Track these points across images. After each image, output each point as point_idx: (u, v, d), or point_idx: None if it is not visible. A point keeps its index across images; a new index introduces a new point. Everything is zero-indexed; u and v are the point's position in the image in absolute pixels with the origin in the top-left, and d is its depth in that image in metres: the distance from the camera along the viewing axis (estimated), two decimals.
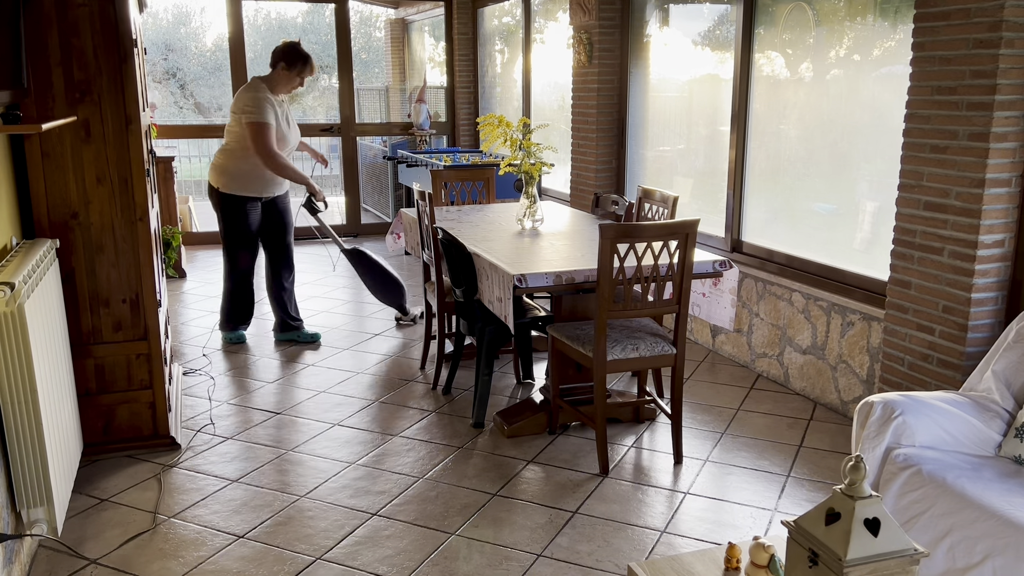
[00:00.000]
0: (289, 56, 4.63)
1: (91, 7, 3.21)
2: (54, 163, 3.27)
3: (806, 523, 1.69)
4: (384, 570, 2.74)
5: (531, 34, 7.40)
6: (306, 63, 4.66)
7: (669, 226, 3.26)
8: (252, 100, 4.53)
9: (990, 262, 3.11)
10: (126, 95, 3.31)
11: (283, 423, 3.91)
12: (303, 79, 4.69)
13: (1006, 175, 3.04)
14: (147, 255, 3.46)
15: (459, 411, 4.04)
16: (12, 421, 2.53)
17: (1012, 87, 2.95)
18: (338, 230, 8.71)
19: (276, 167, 4.61)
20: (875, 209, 3.97)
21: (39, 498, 2.64)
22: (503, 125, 4.13)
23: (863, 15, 4.00)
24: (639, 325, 3.59)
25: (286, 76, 4.63)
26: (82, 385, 3.44)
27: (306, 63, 4.66)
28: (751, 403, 4.16)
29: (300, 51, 4.66)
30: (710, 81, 5.18)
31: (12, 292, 2.42)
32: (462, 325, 4.05)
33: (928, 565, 2.31)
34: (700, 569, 2.01)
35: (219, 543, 2.90)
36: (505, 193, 6.41)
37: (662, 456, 3.59)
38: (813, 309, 4.16)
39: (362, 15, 16.30)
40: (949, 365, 3.22)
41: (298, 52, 4.65)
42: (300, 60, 4.63)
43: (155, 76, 16.02)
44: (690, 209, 5.24)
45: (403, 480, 3.35)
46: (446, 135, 9.08)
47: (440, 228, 3.92)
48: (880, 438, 2.60)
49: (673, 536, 2.95)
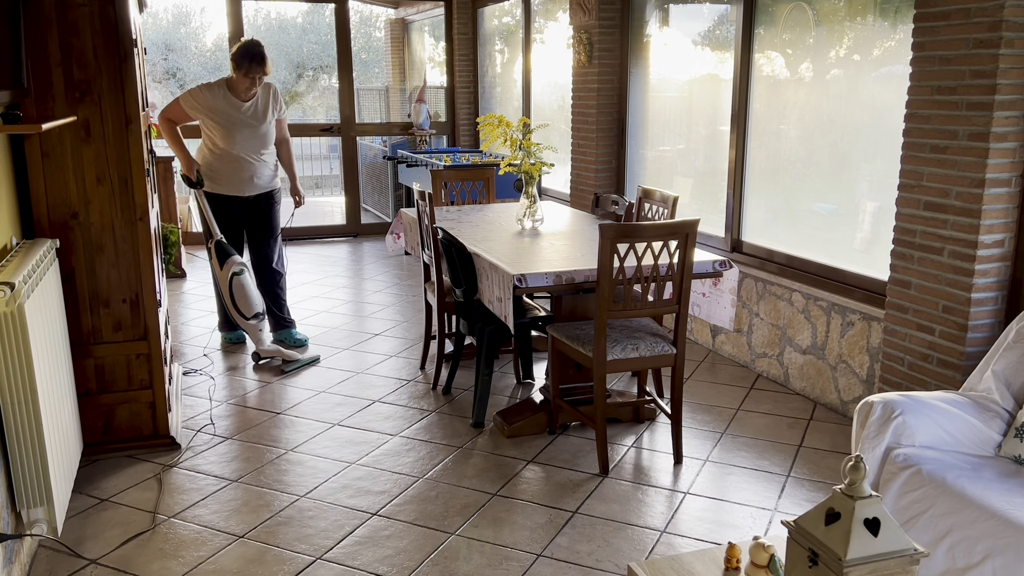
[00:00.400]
0: (236, 57, 4.55)
1: (91, 7, 3.21)
2: (54, 163, 3.27)
3: (806, 523, 1.69)
4: (384, 570, 2.74)
5: (531, 34, 7.40)
6: (252, 61, 4.51)
7: (669, 226, 3.26)
8: (194, 90, 4.65)
9: (990, 262, 3.11)
10: (126, 95, 3.31)
11: (283, 423, 3.91)
12: (254, 79, 4.57)
13: (1006, 175, 3.04)
14: (147, 255, 3.46)
15: (459, 411, 4.05)
16: (12, 421, 2.53)
17: (1012, 87, 2.95)
18: (338, 230, 8.69)
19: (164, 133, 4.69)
20: (875, 209, 3.97)
21: (39, 498, 2.63)
22: (503, 125, 4.13)
23: (863, 15, 4.00)
24: (639, 325, 3.59)
25: (237, 77, 4.58)
26: (82, 385, 3.44)
27: (252, 61, 4.51)
28: (751, 403, 4.16)
29: (250, 50, 4.53)
30: (710, 81, 5.18)
31: (12, 292, 2.42)
32: (462, 325, 4.05)
33: (928, 565, 2.31)
34: (700, 569, 2.01)
35: (219, 543, 2.90)
36: (505, 193, 6.41)
37: (662, 456, 3.59)
38: (813, 309, 4.16)
39: (362, 15, 16.30)
40: (949, 365, 3.22)
41: (245, 51, 4.53)
42: (246, 59, 4.51)
43: (155, 76, 16.02)
44: (690, 209, 5.24)
45: (403, 480, 3.35)
46: (446, 135, 9.08)
47: (440, 228, 3.92)
48: (880, 438, 2.60)
49: (673, 536, 2.95)
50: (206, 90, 4.64)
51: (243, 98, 4.66)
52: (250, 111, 4.71)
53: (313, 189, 13.61)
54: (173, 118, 4.68)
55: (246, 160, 4.74)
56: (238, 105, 4.66)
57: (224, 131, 4.66)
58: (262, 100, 4.76)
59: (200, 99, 4.63)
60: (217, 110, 4.62)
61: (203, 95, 4.63)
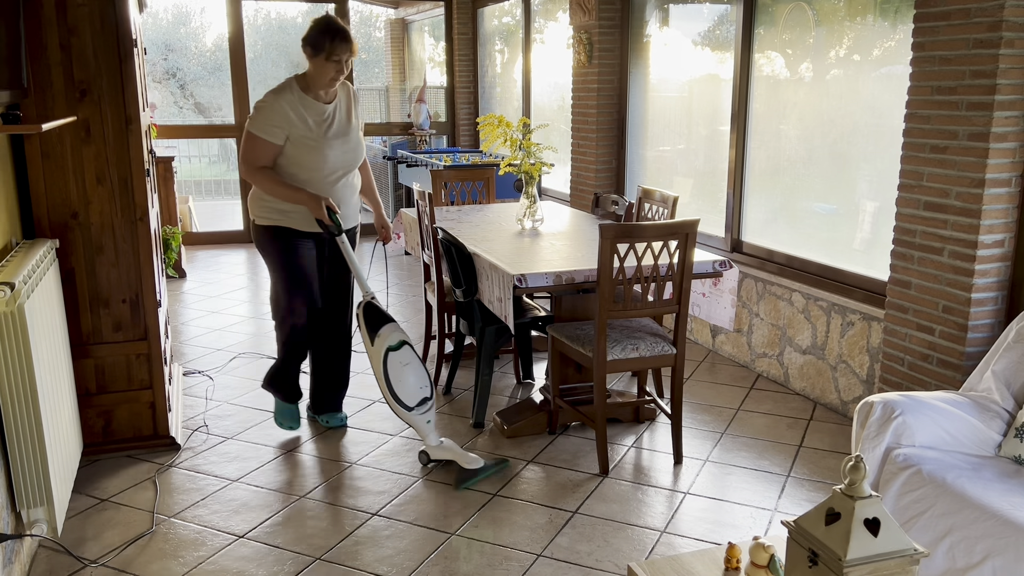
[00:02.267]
0: (313, 37, 3.36)
1: (91, 7, 3.21)
2: (54, 163, 3.27)
3: (806, 523, 1.69)
4: (384, 570, 2.74)
5: (531, 34, 7.40)
6: (335, 38, 3.33)
7: (669, 226, 3.26)
8: (260, 105, 3.43)
9: (990, 262, 3.11)
10: (126, 95, 3.31)
11: None
12: (341, 62, 3.38)
13: (1006, 175, 3.04)
14: (147, 255, 3.46)
15: (459, 411, 4.04)
16: (12, 421, 2.53)
17: (1012, 87, 2.95)
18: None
19: (257, 184, 3.46)
20: (875, 209, 3.97)
21: (39, 498, 2.63)
22: (503, 125, 4.13)
23: (863, 15, 4.00)
24: (639, 325, 3.59)
25: (316, 65, 3.39)
26: (82, 385, 3.44)
27: (335, 38, 3.33)
28: (751, 403, 4.16)
29: (330, 25, 3.37)
30: (710, 81, 5.18)
31: (12, 292, 2.42)
32: (462, 325, 4.05)
33: (928, 565, 2.31)
34: (700, 569, 2.00)
35: (219, 543, 2.90)
36: (505, 193, 6.41)
37: (662, 456, 3.59)
38: (813, 309, 4.16)
39: (362, 15, 16.29)
40: (949, 365, 3.22)
41: (325, 27, 3.36)
42: (328, 37, 3.33)
43: (155, 76, 16.02)
44: (690, 209, 5.24)
45: (403, 480, 3.35)
46: (446, 135, 9.08)
47: (440, 228, 3.92)
48: (880, 438, 2.60)
49: (673, 536, 2.95)
50: (277, 100, 3.41)
51: (326, 98, 3.50)
52: (333, 117, 3.53)
53: None
54: (262, 162, 3.41)
55: (334, 185, 3.56)
56: (321, 111, 3.48)
57: (308, 150, 3.44)
58: (343, 102, 3.60)
59: (276, 115, 3.39)
60: (297, 123, 3.42)
61: (277, 108, 3.39)
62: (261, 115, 3.40)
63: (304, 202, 3.41)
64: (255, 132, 3.40)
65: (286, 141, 3.41)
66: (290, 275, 3.58)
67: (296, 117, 3.42)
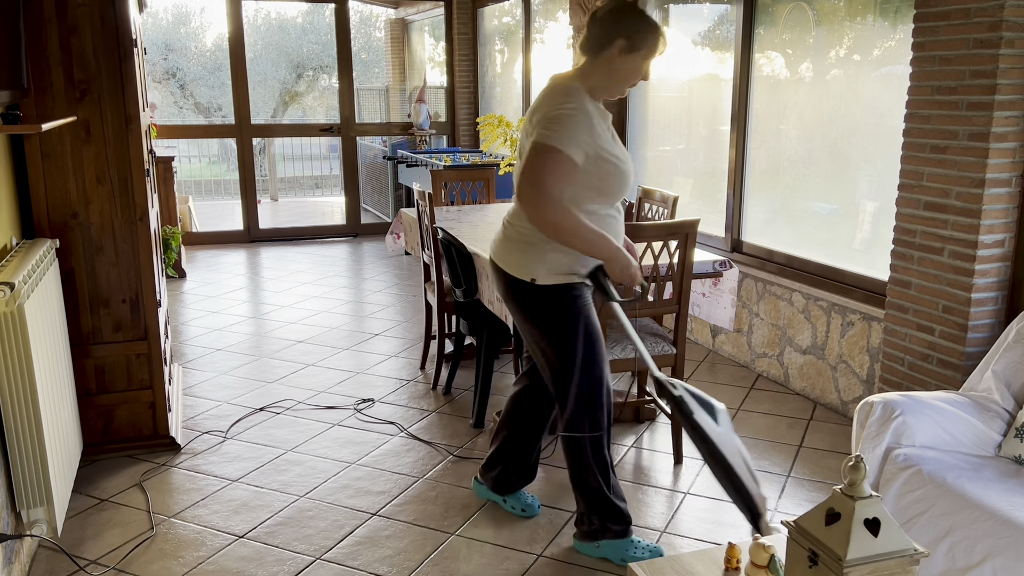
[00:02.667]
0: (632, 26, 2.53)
1: (91, 7, 3.21)
2: (54, 163, 3.27)
3: (806, 523, 1.69)
4: (384, 570, 2.74)
5: (531, 34, 7.40)
6: (659, 36, 2.56)
7: (669, 226, 3.26)
8: (561, 112, 2.48)
9: (990, 262, 3.11)
10: (126, 95, 3.31)
11: (283, 423, 3.91)
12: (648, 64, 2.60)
13: (1006, 175, 3.04)
14: (147, 255, 3.46)
15: (459, 411, 4.04)
16: (12, 421, 2.53)
17: (1012, 87, 2.94)
18: (338, 230, 8.70)
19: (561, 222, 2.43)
20: (875, 209, 3.97)
21: (39, 498, 2.63)
22: (503, 125, 4.14)
23: (863, 15, 4.00)
24: (639, 325, 3.58)
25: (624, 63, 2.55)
26: (82, 385, 3.44)
27: (659, 36, 2.56)
28: (751, 403, 4.16)
29: (650, 19, 2.58)
30: (710, 81, 5.18)
31: (12, 292, 2.42)
32: (462, 325, 4.05)
33: (928, 565, 2.31)
34: (700, 569, 2.00)
35: (219, 543, 2.90)
36: (505, 193, 6.41)
37: (662, 456, 3.59)
38: (813, 309, 4.15)
39: (362, 15, 16.29)
40: (949, 365, 3.22)
41: (650, 22, 2.56)
42: (654, 33, 2.55)
43: (155, 76, 16.02)
44: (690, 209, 5.24)
45: (403, 480, 3.35)
46: (446, 135, 9.08)
47: (440, 228, 3.92)
48: (880, 438, 2.60)
49: (673, 536, 2.95)
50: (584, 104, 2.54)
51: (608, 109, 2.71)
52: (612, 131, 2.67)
53: (313, 189, 13.63)
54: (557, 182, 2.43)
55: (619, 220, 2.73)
56: (610, 124, 2.65)
57: (607, 176, 2.56)
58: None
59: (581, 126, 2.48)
60: (605, 137, 2.57)
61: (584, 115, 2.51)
62: (566, 124, 2.45)
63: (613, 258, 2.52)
64: (559, 147, 2.42)
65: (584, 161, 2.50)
66: (597, 341, 2.71)
67: (600, 130, 2.55)
